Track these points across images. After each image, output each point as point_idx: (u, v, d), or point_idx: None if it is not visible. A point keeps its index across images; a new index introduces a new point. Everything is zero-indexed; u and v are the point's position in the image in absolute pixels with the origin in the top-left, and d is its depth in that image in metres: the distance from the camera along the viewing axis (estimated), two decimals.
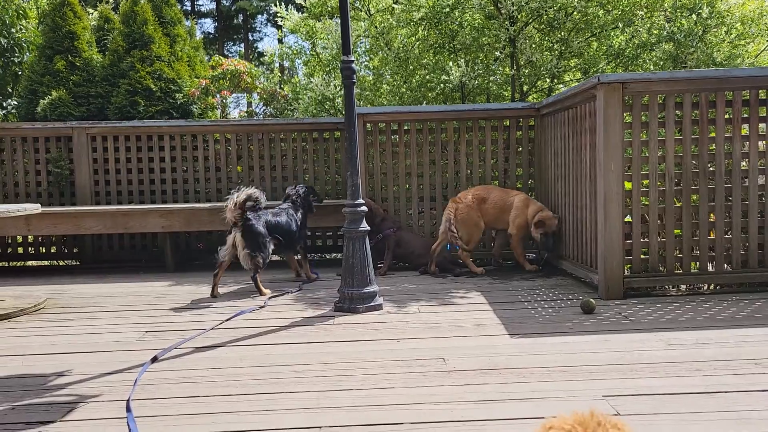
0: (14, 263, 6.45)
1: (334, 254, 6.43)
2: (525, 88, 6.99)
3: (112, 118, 6.62)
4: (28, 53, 7.95)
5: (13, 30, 7.90)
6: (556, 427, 1.28)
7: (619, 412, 2.21)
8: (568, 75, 7.21)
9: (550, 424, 1.30)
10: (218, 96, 7.30)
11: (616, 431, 1.25)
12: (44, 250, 6.36)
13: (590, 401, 2.33)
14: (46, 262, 6.54)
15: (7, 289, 4.87)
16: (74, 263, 6.47)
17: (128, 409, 2.33)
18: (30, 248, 6.36)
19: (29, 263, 6.59)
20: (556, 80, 6.86)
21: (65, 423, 2.26)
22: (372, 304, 3.96)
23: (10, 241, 6.26)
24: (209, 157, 6.26)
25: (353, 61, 3.97)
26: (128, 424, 2.20)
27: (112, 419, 2.28)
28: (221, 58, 7.94)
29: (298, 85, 7.71)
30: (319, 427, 2.17)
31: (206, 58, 8.43)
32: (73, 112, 6.62)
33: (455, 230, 5.11)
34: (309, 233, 6.23)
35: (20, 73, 7.85)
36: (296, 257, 5.30)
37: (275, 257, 5.85)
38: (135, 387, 2.60)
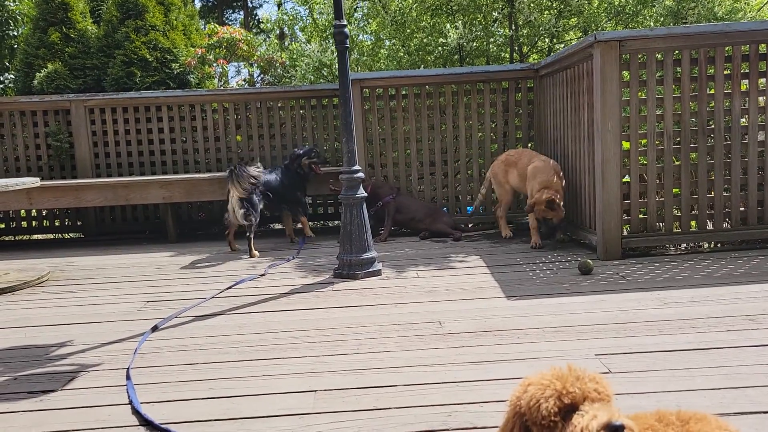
0: (19, 237, 6.51)
1: (337, 221, 6.45)
2: (525, 49, 6.91)
3: (109, 90, 6.59)
4: (23, 26, 7.88)
5: (7, 2, 7.83)
6: (534, 382, 1.30)
7: (611, 370, 2.24)
8: (569, 34, 7.11)
9: (529, 381, 1.32)
10: (215, 65, 7.24)
11: (594, 384, 1.26)
12: (48, 224, 6.40)
13: (582, 360, 2.35)
14: (50, 236, 6.59)
15: (12, 262, 4.92)
16: (78, 236, 6.52)
17: (128, 377, 2.38)
18: (34, 222, 6.41)
19: (34, 237, 6.66)
20: (555, 40, 6.78)
21: (66, 392, 2.30)
22: (371, 269, 3.99)
23: (13, 215, 6.30)
24: (208, 127, 6.24)
25: (345, 25, 3.93)
26: (127, 392, 2.25)
27: (112, 387, 2.32)
28: (217, 26, 7.84)
29: (295, 51, 7.64)
30: (314, 391, 2.20)
31: (202, 26, 8.33)
32: (70, 85, 6.59)
33: (488, 186, 5.26)
34: (309, 200, 6.26)
35: (16, 46, 7.80)
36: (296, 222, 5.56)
37: (278, 226, 5.94)
38: (135, 355, 2.64)
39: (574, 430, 1.19)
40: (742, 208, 4.16)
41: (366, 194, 4.07)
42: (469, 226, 5.68)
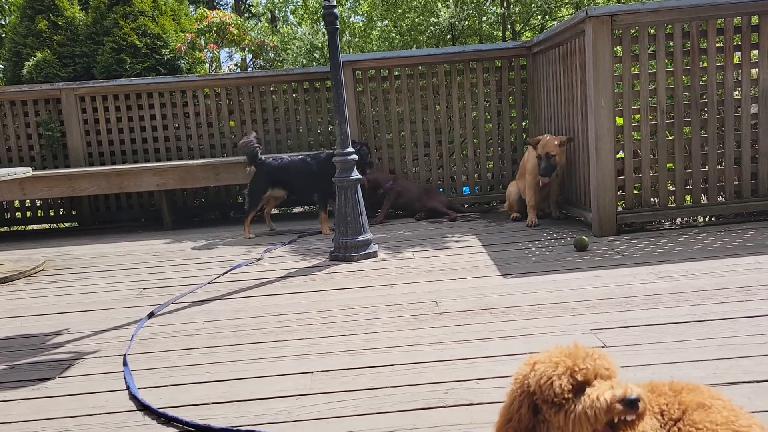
0: (14, 228, 6.50)
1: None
2: (517, 26, 6.86)
3: (99, 78, 6.53)
4: (10, 14, 7.79)
5: None
6: (543, 360, 1.28)
7: (606, 344, 2.25)
8: (561, 11, 7.05)
9: (536, 359, 1.31)
10: (206, 50, 7.19)
11: (603, 361, 1.25)
12: (42, 214, 6.38)
13: (578, 335, 2.36)
14: (45, 226, 6.57)
15: (7, 253, 4.91)
16: (73, 225, 6.51)
17: (125, 363, 2.38)
18: (28, 212, 6.38)
19: (30, 227, 6.64)
20: (548, 17, 6.73)
21: (63, 379, 2.31)
22: (367, 251, 3.99)
23: (7, 205, 6.28)
24: (200, 113, 6.20)
25: (335, 6, 3.89)
26: (125, 378, 2.25)
27: (109, 374, 2.33)
28: (206, 10, 7.77)
29: (286, 35, 7.57)
30: (311, 372, 2.21)
31: (192, 11, 8.25)
32: (60, 73, 6.53)
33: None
34: None
35: (3, 35, 7.72)
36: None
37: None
38: (132, 342, 2.65)
39: (586, 401, 1.18)
40: (735, 182, 4.16)
41: (359, 176, 4.05)
42: (465, 206, 5.68)
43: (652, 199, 4.16)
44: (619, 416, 1.16)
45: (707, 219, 4.37)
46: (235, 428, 1.81)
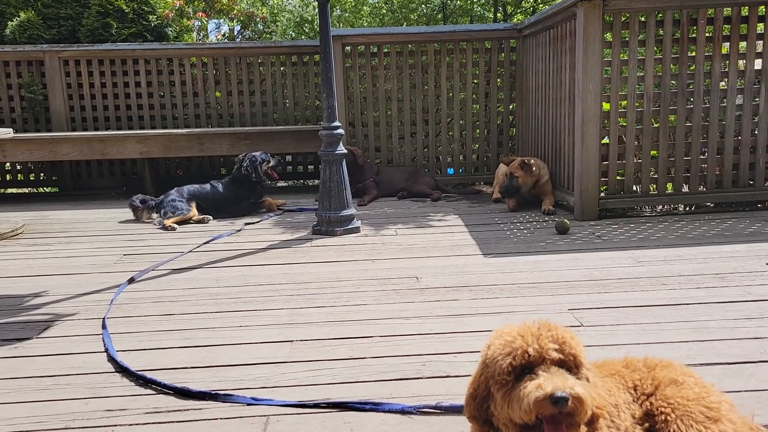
0: None
1: (317, 180, 6.41)
2: (509, 8, 6.83)
3: (84, 41, 6.42)
4: None
5: None
6: (504, 334, 1.28)
7: (582, 324, 2.28)
8: None
9: (502, 331, 1.31)
10: (194, 18, 7.08)
11: (555, 344, 1.21)
12: (22, 178, 6.29)
13: (556, 314, 2.39)
14: (24, 190, 6.49)
15: None
16: (53, 190, 6.43)
17: (104, 326, 2.37)
18: (8, 176, 6.29)
19: (9, 191, 6.55)
20: (539, 0, 6.70)
21: (41, 339, 2.30)
22: (350, 226, 3.99)
23: None
24: (186, 81, 6.13)
25: None
26: (103, 340, 2.24)
27: (88, 335, 2.32)
28: None
29: (276, 7, 7.48)
30: (291, 341, 2.22)
31: None
32: (44, 35, 6.41)
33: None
34: (289, 159, 6.23)
35: None
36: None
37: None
38: (111, 306, 2.64)
39: (520, 394, 1.19)
40: (717, 172, 4.21)
41: (345, 151, 4.03)
42: (449, 187, 5.69)
43: (634, 186, 4.20)
44: (549, 412, 1.17)
45: (688, 207, 4.42)
46: (213, 392, 1.82)
